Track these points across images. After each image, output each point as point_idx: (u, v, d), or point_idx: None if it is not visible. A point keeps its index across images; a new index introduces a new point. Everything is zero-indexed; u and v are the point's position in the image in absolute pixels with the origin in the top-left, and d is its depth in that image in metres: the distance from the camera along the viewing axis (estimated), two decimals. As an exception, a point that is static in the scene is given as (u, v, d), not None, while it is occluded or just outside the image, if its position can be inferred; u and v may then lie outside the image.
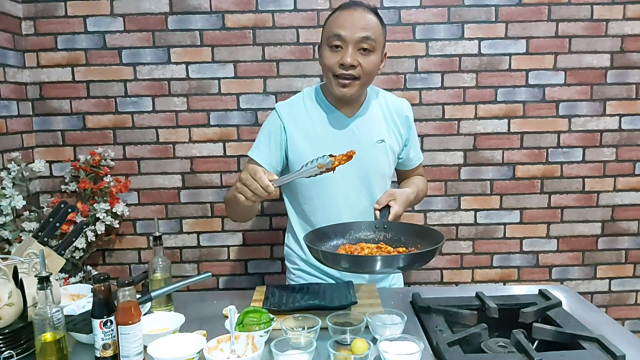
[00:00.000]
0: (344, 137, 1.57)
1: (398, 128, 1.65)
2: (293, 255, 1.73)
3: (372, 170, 1.60)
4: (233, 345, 1.16)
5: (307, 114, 1.59)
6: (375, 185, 1.61)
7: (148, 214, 2.35)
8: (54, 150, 2.30)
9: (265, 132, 1.60)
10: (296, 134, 1.56)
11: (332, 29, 1.47)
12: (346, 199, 1.58)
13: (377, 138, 1.60)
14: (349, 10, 1.47)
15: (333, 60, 1.46)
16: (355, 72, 1.46)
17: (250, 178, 1.27)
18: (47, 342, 1.10)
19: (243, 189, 1.28)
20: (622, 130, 2.35)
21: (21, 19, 2.19)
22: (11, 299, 1.18)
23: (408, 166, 1.76)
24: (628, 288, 2.47)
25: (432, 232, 1.38)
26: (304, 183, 1.58)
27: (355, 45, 1.45)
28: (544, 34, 2.27)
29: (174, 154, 2.32)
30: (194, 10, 2.22)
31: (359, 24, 1.44)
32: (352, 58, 1.44)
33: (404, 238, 1.42)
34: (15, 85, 2.15)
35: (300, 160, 1.51)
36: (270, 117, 1.62)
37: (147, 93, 2.28)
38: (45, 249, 1.40)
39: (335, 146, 1.51)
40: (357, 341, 1.18)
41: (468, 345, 1.25)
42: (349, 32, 1.44)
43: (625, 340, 1.27)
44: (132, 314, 1.13)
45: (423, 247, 1.34)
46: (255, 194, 1.27)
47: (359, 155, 1.43)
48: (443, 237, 1.31)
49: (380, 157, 1.61)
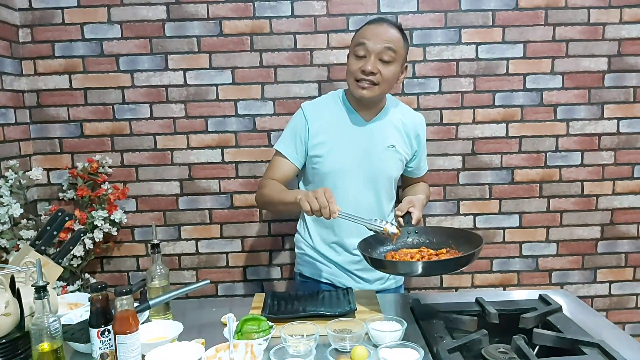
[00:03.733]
0: (358, 137, 1.70)
1: (410, 139, 1.78)
2: (301, 241, 1.85)
3: (380, 171, 1.72)
4: (232, 354, 1.15)
5: (330, 112, 1.72)
6: (381, 186, 1.74)
7: (146, 221, 2.35)
8: (52, 157, 2.29)
9: (291, 128, 1.74)
10: (317, 130, 1.70)
11: (358, 39, 1.62)
12: (354, 194, 1.69)
13: (389, 143, 1.72)
14: (376, 24, 1.63)
15: (356, 66, 1.61)
16: (374, 79, 1.59)
17: (324, 197, 1.38)
18: (44, 352, 1.10)
19: (313, 202, 1.39)
20: (621, 133, 2.35)
21: (18, 27, 2.19)
22: (8, 309, 1.17)
23: (415, 174, 1.90)
24: (628, 292, 2.47)
25: (468, 234, 1.52)
26: (319, 174, 1.71)
27: (377, 55, 1.58)
28: (541, 38, 2.28)
29: (172, 161, 2.32)
30: (191, 17, 2.22)
31: (382, 37, 1.59)
32: (372, 66, 1.58)
33: (442, 240, 1.54)
34: (12, 93, 2.14)
35: (317, 154, 1.68)
36: (296, 115, 1.76)
37: (144, 100, 2.27)
38: (42, 257, 1.39)
39: (351, 144, 1.68)
40: (357, 348, 1.17)
41: (468, 351, 1.24)
42: (372, 42, 1.58)
43: (626, 345, 1.27)
44: (130, 323, 1.12)
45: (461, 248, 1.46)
46: (321, 213, 1.38)
47: (369, 155, 1.69)
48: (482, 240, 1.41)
49: (390, 160, 1.73)
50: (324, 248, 1.77)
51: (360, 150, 1.69)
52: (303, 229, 1.84)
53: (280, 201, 1.61)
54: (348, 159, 1.68)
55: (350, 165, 1.68)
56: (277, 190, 1.64)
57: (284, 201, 1.58)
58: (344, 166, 1.68)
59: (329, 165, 1.68)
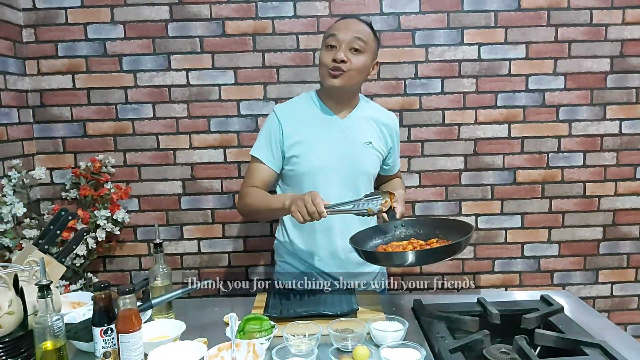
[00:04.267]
0: (335, 135, 1.70)
1: (385, 136, 1.79)
2: (280, 248, 1.82)
3: (359, 168, 1.72)
4: (234, 353, 1.16)
5: (303, 113, 1.72)
6: (360, 183, 1.73)
7: (149, 221, 2.35)
8: (55, 157, 2.30)
9: (265, 133, 1.73)
10: (291, 131, 1.69)
11: (329, 32, 1.65)
12: (335, 194, 1.64)
13: (365, 139, 1.73)
14: (346, 19, 1.67)
15: (328, 57, 1.62)
16: (344, 67, 1.60)
17: (310, 202, 1.40)
18: (47, 351, 1.10)
19: (302, 209, 1.41)
20: (623, 134, 2.35)
21: (22, 27, 2.20)
22: (11, 308, 1.17)
23: (391, 172, 1.91)
24: (630, 293, 2.46)
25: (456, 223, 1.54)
26: (298, 175, 1.69)
27: (347, 45, 1.60)
28: (543, 39, 2.28)
29: (174, 161, 2.33)
30: (194, 17, 2.23)
31: (352, 28, 1.63)
32: (343, 53, 1.59)
33: (429, 231, 1.56)
34: (15, 93, 2.15)
35: (293, 154, 1.67)
36: (268, 119, 1.75)
37: (147, 100, 2.28)
38: (45, 256, 1.39)
39: (328, 142, 1.68)
40: (358, 348, 1.18)
41: (470, 351, 1.24)
42: (342, 33, 1.61)
43: (628, 346, 1.27)
44: (133, 322, 1.13)
45: (450, 237, 1.47)
46: (311, 217, 1.40)
47: (348, 153, 1.69)
48: (471, 227, 1.43)
49: (367, 157, 1.74)
50: (304, 253, 1.73)
51: (337, 148, 1.68)
52: (282, 233, 1.80)
53: (267, 208, 1.61)
54: (326, 157, 1.67)
55: (328, 164, 1.67)
56: (261, 197, 1.64)
57: (271, 207, 1.59)
58: (322, 165, 1.67)
59: (307, 165, 1.67)
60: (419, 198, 2.37)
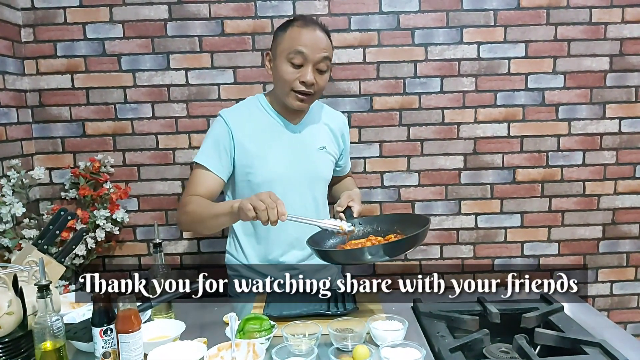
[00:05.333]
0: (289, 142, 1.66)
1: (337, 138, 1.78)
2: (233, 261, 1.74)
3: (315, 174, 1.70)
4: (234, 353, 1.16)
5: (254, 120, 1.65)
6: (317, 189, 1.72)
7: (148, 221, 2.35)
8: (54, 157, 2.29)
9: (212, 139, 1.63)
10: (243, 139, 1.61)
11: (295, 45, 1.52)
12: (293, 200, 1.58)
13: (319, 145, 1.70)
14: (309, 29, 1.54)
15: (293, 76, 1.53)
16: (312, 89, 1.56)
17: (269, 198, 1.31)
18: (47, 351, 1.10)
19: (259, 204, 1.31)
20: (622, 133, 2.35)
21: (20, 27, 2.20)
22: (11, 308, 1.17)
23: (343, 172, 1.91)
24: (630, 291, 2.47)
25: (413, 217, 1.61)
26: (253, 185, 1.61)
27: (315, 64, 1.53)
28: (542, 38, 2.28)
29: (173, 160, 2.32)
30: (193, 16, 2.23)
31: (320, 45, 1.53)
32: (311, 76, 1.53)
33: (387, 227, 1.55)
34: (14, 93, 2.15)
35: (247, 164, 1.60)
36: (215, 124, 1.66)
37: (146, 99, 2.28)
38: (45, 256, 1.39)
39: (282, 150, 1.63)
40: (358, 348, 1.18)
41: (470, 350, 1.25)
42: (310, 51, 1.52)
43: (628, 345, 1.27)
44: (133, 322, 1.13)
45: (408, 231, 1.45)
46: (269, 217, 1.31)
47: (303, 159, 1.65)
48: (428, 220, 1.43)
49: (322, 162, 1.71)
50: (261, 266, 1.67)
51: (292, 155, 1.63)
52: (234, 247, 1.73)
53: (211, 215, 1.48)
54: (282, 165, 1.62)
55: (285, 172, 1.61)
56: (204, 205, 1.52)
57: (216, 213, 1.47)
58: (279, 173, 1.60)
59: (263, 175, 1.60)
60: (418, 197, 2.37)
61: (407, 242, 1.37)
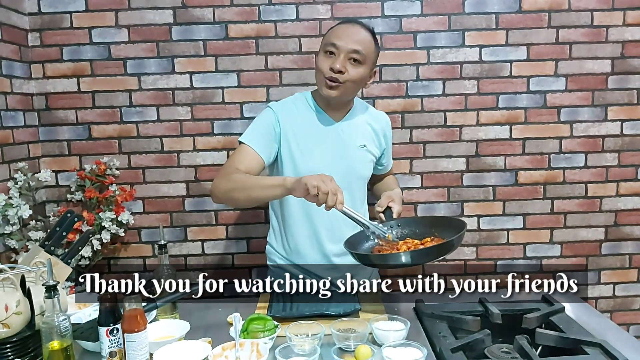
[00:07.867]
0: (330, 138, 1.69)
1: (379, 138, 1.80)
2: (273, 253, 1.80)
3: (353, 171, 1.71)
4: (238, 353, 1.17)
5: (298, 113, 1.70)
6: (355, 186, 1.73)
7: (153, 223, 2.37)
8: (60, 160, 2.32)
9: (260, 123, 1.66)
10: (288, 130, 1.66)
11: (330, 38, 1.60)
12: None
13: (360, 143, 1.72)
14: (347, 25, 1.62)
15: (326, 64, 1.58)
16: (341, 78, 1.57)
17: (335, 186, 1.31)
18: (54, 350, 1.12)
19: (322, 185, 1.29)
20: (624, 135, 2.35)
21: (27, 31, 2.22)
22: (19, 308, 1.19)
23: (385, 171, 1.93)
24: (632, 293, 2.47)
25: (450, 220, 1.59)
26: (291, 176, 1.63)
27: (346, 55, 1.57)
28: (544, 41, 2.29)
29: (178, 163, 2.34)
30: (197, 20, 2.25)
31: (353, 37, 1.58)
32: (341, 64, 1.56)
33: (425, 230, 1.58)
34: (21, 96, 2.17)
35: (287, 155, 1.65)
36: (263, 113, 1.71)
37: (151, 103, 2.30)
38: (52, 258, 1.41)
39: (322, 145, 1.66)
40: (361, 347, 1.19)
41: (471, 351, 1.26)
42: (343, 42, 1.57)
43: (629, 346, 1.28)
44: (138, 322, 1.14)
45: (444, 235, 1.48)
46: (327, 202, 1.30)
47: (343, 156, 1.68)
48: (465, 224, 1.45)
49: (361, 160, 1.73)
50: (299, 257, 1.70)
51: (332, 150, 1.67)
52: (275, 239, 1.78)
53: (259, 185, 1.47)
54: (321, 160, 1.64)
55: (323, 167, 1.58)
56: (251, 176, 1.52)
57: (265, 185, 1.47)
58: (317, 168, 1.57)
59: (304, 168, 1.62)
60: (420, 199, 2.38)
61: (440, 248, 1.40)
